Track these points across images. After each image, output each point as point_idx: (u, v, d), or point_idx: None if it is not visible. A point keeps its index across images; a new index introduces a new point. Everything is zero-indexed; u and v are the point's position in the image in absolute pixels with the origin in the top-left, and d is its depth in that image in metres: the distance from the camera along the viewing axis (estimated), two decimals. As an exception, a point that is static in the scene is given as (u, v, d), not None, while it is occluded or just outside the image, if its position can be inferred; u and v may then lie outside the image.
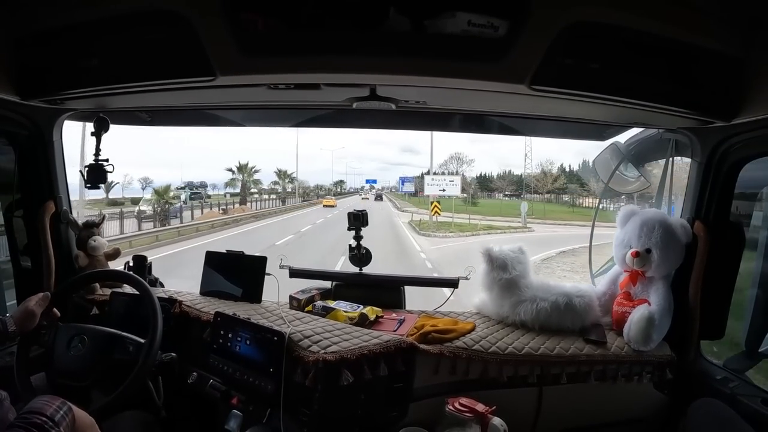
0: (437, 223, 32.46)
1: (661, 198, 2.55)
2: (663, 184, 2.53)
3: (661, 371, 2.28)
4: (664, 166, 2.50)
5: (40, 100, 2.12)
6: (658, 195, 2.56)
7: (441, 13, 1.63)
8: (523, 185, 55.95)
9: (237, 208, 40.69)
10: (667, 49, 1.70)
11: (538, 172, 55.62)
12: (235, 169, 51.13)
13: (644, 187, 2.65)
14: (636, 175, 2.62)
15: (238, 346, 2.17)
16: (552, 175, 53.37)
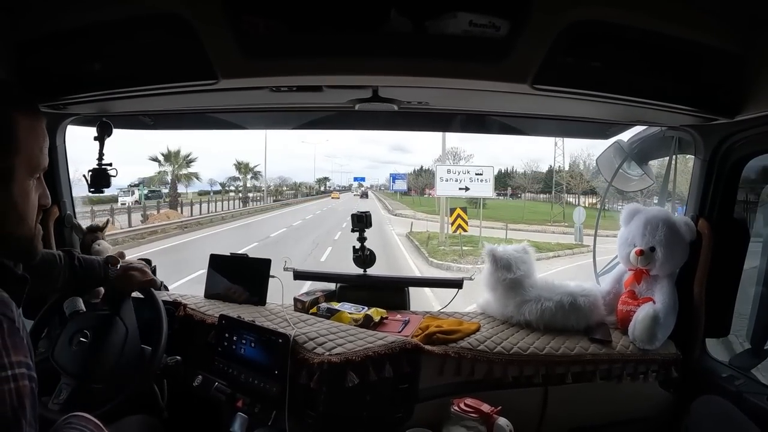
0: (451, 238, 22.60)
1: (665, 196, 2.55)
2: (666, 182, 2.53)
3: (666, 370, 2.27)
4: (668, 164, 2.50)
5: (43, 105, 2.12)
6: (661, 193, 2.56)
7: (442, 14, 1.63)
8: (553, 183, 44.57)
9: (160, 214, 30.42)
10: (669, 46, 1.70)
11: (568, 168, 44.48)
12: (161, 157, 38.33)
13: (647, 185, 2.64)
14: (639, 173, 2.62)
15: (242, 349, 2.17)
16: (588, 172, 40.95)
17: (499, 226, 29.41)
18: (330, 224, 28.07)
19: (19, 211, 1.18)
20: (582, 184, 41.48)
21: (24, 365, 0.99)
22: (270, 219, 33.23)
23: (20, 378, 0.97)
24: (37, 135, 1.22)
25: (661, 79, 1.76)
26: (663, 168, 2.60)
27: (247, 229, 26.54)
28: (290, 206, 47.40)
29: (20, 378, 0.97)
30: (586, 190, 41.16)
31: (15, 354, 0.97)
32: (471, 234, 22.40)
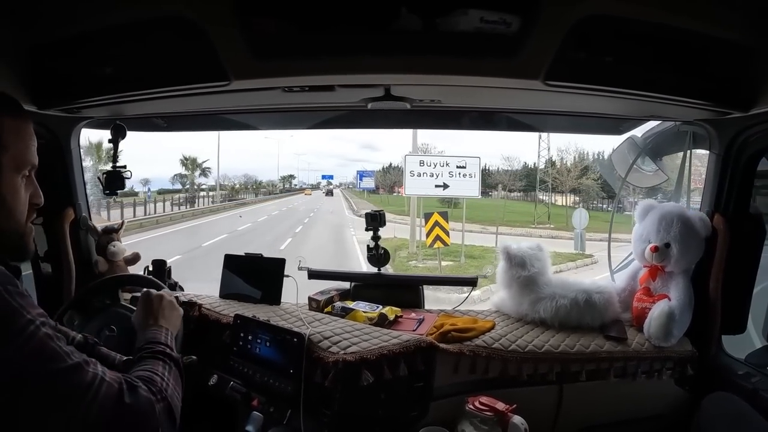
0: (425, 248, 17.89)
1: (680, 191, 2.53)
2: (681, 178, 2.51)
3: (682, 367, 2.25)
4: (682, 159, 2.48)
5: (57, 109, 2.15)
6: (676, 188, 2.55)
7: (452, 11, 1.62)
8: (537, 180, 40.75)
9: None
10: (681, 40, 1.68)
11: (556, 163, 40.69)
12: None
13: (662, 181, 2.63)
14: (654, 169, 2.60)
15: (258, 348, 2.18)
16: (578, 167, 38.60)
17: (477, 228, 26.55)
18: (282, 228, 26.38)
19: (8, 206, 1.24)
20: (570, 181, 38.44)
21: (43, 315, 1.12)
22: (217, 221, 29.85)
23: (46, 325, 1.11)
24: (22, 134, 1.28)
25: (674, 73, 1.74)
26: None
27: (179, 236, 23.12)
28: (247, 206, 43.81)
29: (46, 325, 1.11)
30: (574, 187, 38.56)
31: (32, 309, 1.10)
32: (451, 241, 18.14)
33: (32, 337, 1.07)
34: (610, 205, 35.78)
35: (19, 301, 1.08)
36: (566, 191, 39.44)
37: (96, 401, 1.11)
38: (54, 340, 1.11)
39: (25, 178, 1.29)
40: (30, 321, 1.07)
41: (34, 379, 1.06)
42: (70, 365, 1.11)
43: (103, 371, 1.17)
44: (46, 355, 1.08)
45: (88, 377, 1.12)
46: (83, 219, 2.69)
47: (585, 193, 38.40)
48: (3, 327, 1.05)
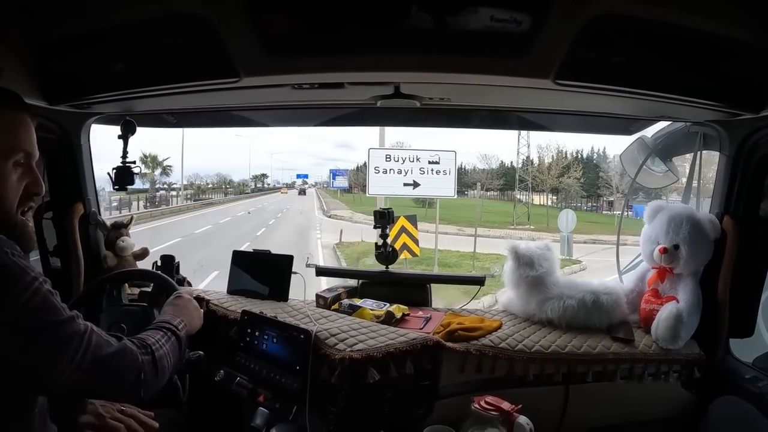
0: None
1: (689, 193, 2.52)
2: (691, 179, 2.50)
3: (689, 370, 2.24)
4: (692, 160, 2.47)
5: (67, 105, 2.17)
6: (686, 190, 2.53)
7: (463, 9, 1.62)
8: (516, 179, 38.48)
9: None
10: (692, 40, 1.67)
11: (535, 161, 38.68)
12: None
13: (672, 182, 2.61)
14: (664, 170, 2.59)
15: (264, 344, 2.19)
16: (558, 165, 36.48)
17: (453, 230, 25.69)
18: (244, 230, 25.04)
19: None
20: (550, 180, 36.52)
21: (41, 274, 1.26)
22: (177, 223, 27.85)
23: (46, 281, 1.26)
24: (10, 123, 1.32)
25: (684, 73, 1.73)
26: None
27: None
28: (214, 206, 41.86)
29: (46, 281, 1.26)
30: (554, 186, 36.78)
31: (33, 269, 1.24)
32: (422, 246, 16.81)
33: (37, 293, 1.22)
34: (588, 204, 35.43)
35: (22, 262, 1.22)
36: (546, 190, 37.91)
37: (89, 347, 1.30)
38: (54, 296, 1.27)
39: (20, 166, 1.33)
40: (34, 278, 1.22)
41: (39, 328, 1.22)
42: (67, 317, 1.28)
43: (92, 325, 1.34)
44: (48, 308, 1.24)
45: (81, 327, 1.30)
46: (93, 214, 2.70)
47: (565, 192, 37.24)
48: (11, 284, 1.18)
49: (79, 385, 1.30)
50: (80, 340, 1.28)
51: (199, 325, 1.87)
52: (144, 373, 1.42)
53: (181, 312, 1.79)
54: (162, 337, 1.57)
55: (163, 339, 1.57)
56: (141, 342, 1.49)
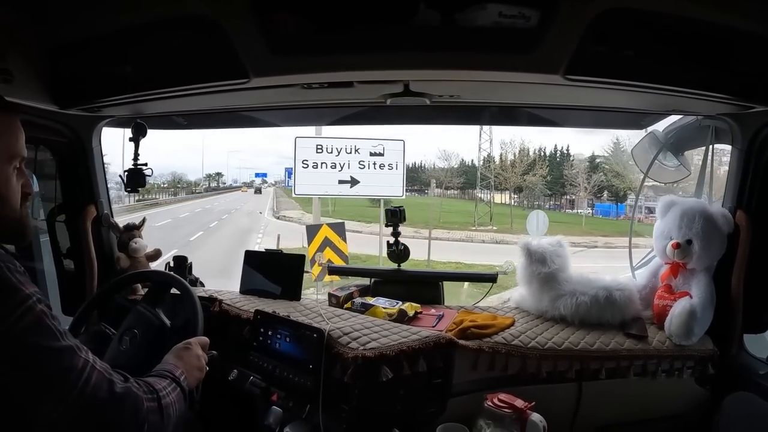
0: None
1: (702, 187, 2.50)
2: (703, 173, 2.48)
3: (703, 366, 2.22)
4: (704, 154, 2.45)
5: (78, 109, 2.19)
6: (698, 184, 2.51)
7: (471, 6, 1.61)
8: (478, 177, 35.17)
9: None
10: (703, 32, 1.65)
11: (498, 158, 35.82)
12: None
13: (684, 176, 2.60)
14: (675, 164, 2.57)
15: (277, 344, 2.19)
16: (523, 162, 33.48)
17: (409, 232, 20.25)
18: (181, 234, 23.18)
19: (3, 195, 1.29)
20: (514, 177, 33.59)
21: (39, 294, 1.18)
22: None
23: (42, 302, 1.17)
24: (11, 128, 1.33)
25: (696, 66, 1.72)
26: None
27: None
28: (159, 206, 39.31)
29: (42, 302, 1.17)
30: (519, 185, 33.82)
31: (30, 286, 1.16)
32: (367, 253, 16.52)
33: (30, 311, 1.13)
34: (551, 203, 34.41)
35: (18, 277, 1.15)
36: (510, 189, 34.95)
37: (86, 387, 1.17)
38: (49, 317, 1.17)
39: (16, 169, 1.34)
40: (28, 296, 1.14)
41: (28, 352, 1.13)
42: (63, 345, 1.17)
43: (94, 359, 1.23)
44: (42, 329, 1.15)
45: (80, 362, 1.18)
46: (105, 216, 2.72)
47: (529, 191, 35.06)
48: (2, 300, 1.11)
49: (73, 428, 1.18)
50: (77, 376, 1.17)
51: (194, 384, 1.70)
52: (147, 423, 1.29)
53: (184, 365, 1.66)
54: (168, 386, 1.46)
55: (170, 387, 1.46)
56: (147, 386, 1.36)
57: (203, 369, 1.76)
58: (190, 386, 1.65)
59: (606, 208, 31.41)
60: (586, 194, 29.57)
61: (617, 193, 29.55)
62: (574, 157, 35.17)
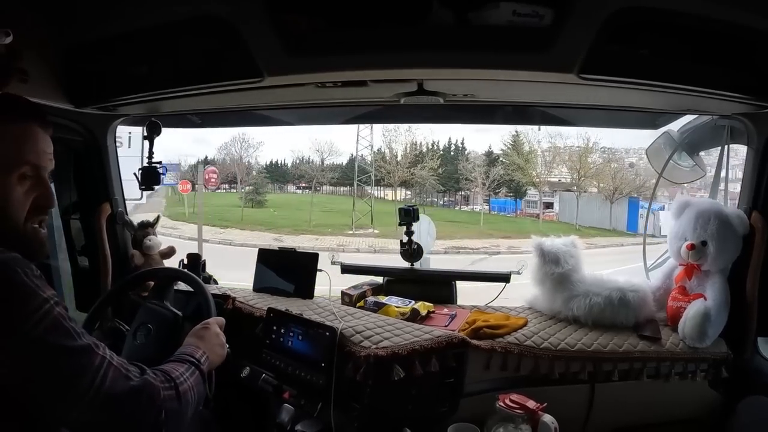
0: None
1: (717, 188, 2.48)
2: (719, 173, 2.46)
3: (716, 369, 2.20)
4: (719, 155, 2.43)
5: (93, 107, 2.22)
6: (713, 185, 2.49)
7: (485, 5, 1.62)
8: (356, 168, 28.45)
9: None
10: (718, 31, 1.64)
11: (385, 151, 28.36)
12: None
13: (699, 177, 2.58)
14: (690, 164, 2.55)
15: (290, 341, 2.20)
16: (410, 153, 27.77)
17: (269, 238, 20.71)
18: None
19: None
20: (400, 171, 27.57)
21: (57, 296, 1.21)
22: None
23: (60, 305, 1.21)
24: (12, 136, 1.29)
25: (711, 65, 1.70)
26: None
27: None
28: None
29: (60, 305, 1.21)
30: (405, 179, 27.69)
31: (47, 289, 1.20)
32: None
33: (48, 314, 1.16)
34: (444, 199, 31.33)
35: (36, 282, 1.18)
36: (395, 184, 28.31)
37: (104, 383, 1.20)
38: (67, 319, 1.20)
39: (27, 179, 1.31)
40: (46, 300, 1.17)
41: (48, 353, 1.16)
42: (80, 345, 1.20)
43: (111, 355, 1.26)
44: (60, 331, 1.18)
45: (97, 359, 1.22)
46: (119, 214, 2.75)
47: (420, 186, 29.74)
48: (22, 304, 1.15)
49: (92, 424, 1.23)
50: (94, 374, 1.20)
51: (219, 362, 1.75)
52: (165, 411, 1.31)
53: (205, 345, 1.69)
54: (186, 371, 1.47)
55: (188, 372, 1.47)
56: (164, 375, 1.38)
57: (224, 345, 1.79)
58: (214, 365, 1.70)
59: (502, 204, 29.19)
60: (483, 190, 27.48)
61: (518, 188, 27.84)
62: (471, 152, 30.99)
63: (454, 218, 25.78)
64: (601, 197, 25.66)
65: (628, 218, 24.67)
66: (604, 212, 25.14)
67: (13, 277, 1.15)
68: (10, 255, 1.18)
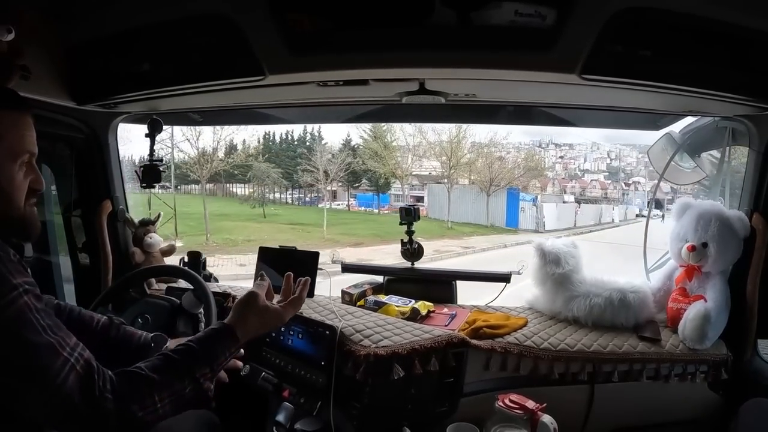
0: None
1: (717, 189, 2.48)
2: (719, 175, 2.46)
3: (716, 371, 2.20)
4: (720, 156, 2.43)
5: (95, 105, 2.22)
6: (714, 186, 2.49)
7: (487, 5, 1.62)
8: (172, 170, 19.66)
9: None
10: (721, 32, 1.64)
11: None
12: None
13: (701, 178, 2.58)
14: (692, 166, 2.55)
15: (290, 340, 2.21)
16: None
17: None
18: None
19: (5, 192, 1.29)
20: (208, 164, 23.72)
21: (30, 284, 1.17)
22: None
23: (30, 293, 1.16)
24: (19, 125, 1.31)
25: (713, 67, 1.70)
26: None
27: None
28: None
29: (30, 293, 1.16)
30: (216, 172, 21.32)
31: (19, 276, 1.15)
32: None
33: (13, 303, 1.12)
34: (311, 195, 26.01)
35: (8, 266, 1.14)
36: (203, 179, 20.89)
37: (62, 389, 1.14)
38: (34, 311, 1.15)
39: (25, 164, 1.33)
40: (14, 287, 1.13)
41: (6, 345, 1.11)
42: (41, 341, 1.14)
43: (77, 359, 1.18)
44: (22, 323, 1.12)
45: (58, 361, 1.14)
46: (120, 211, 2.75)
47: (259, 180, 23.33)
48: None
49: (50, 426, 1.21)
50: (53, 376, 1.13)
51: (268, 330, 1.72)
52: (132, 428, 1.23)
53: (245, 331, 1.54)
54: (182, 389, 1.33)
55: (183, 390, 1.33)
56: (136, 394, 1.24)
57: (269, 326, 1.68)
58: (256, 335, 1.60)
59: (369, 200, 25.43)
60: (327, 183, 21.77)
61: (378, 180, 23.76)
62: (327, 142, 25.88)
63: (302, 219, 20.81)
64: (476, 189, 22.47)
65: (507, 212, 22.28)
66: (480, 206, 21.97)
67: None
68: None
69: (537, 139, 27.72)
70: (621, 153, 32.13)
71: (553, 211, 23.18)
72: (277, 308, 1.65)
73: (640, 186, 30.34)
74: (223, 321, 1.53)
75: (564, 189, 28.76)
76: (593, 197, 29.69)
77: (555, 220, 22.38)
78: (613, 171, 31.69)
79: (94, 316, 1.83)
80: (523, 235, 19.93)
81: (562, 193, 28.09)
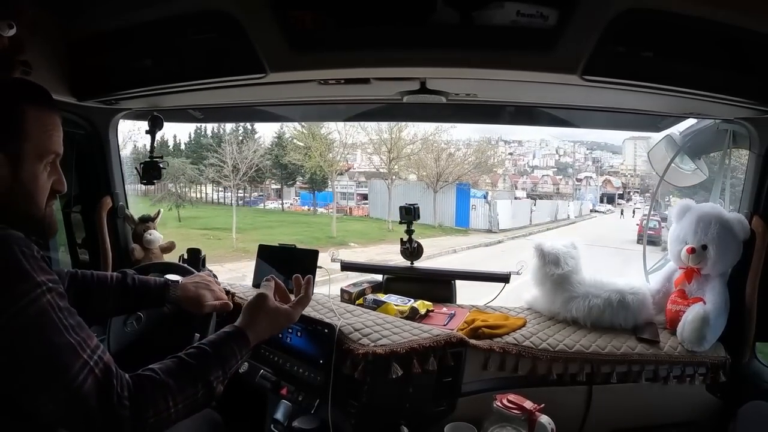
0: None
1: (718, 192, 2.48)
2: (720, 178, 2.46)
3: (714, 373, 2.21)
4: (721, 159, 2.43)
5: (96, 101, 2.22)
6: (714, 189, 2.49)
7: (489, 4, 1.61)
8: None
9: None
10: (723, 35, 1.64)
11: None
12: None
13: (701, 180, 2.58)
14: (692, 168, 2.55)
15: (288, 338, 2.21)
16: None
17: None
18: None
19: (28, 192, 1.29)
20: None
21: (54, 282, 1.17)
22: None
23: (53, 292, 1.15)
24: (44, 124, 1.30)
25: (715, 69, 1.70)
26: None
27: None
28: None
29: (53, 292, 1.15)
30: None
31: (43, 273, 1.14)
32: None
33: (35, 302, 1.11)
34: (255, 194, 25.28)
35: (32, 263, 1.13)
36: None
37: (79, 392, 1.12)
38: (56, 310, 1.14)
39: (49, 165, 1.33)
40: (37, 284, 1.12)
41: (27, 344, 1.11)
42: (64, 342, 1.13)
43: (97, 361, 1.17)
44: (44, 323, 1.12)
45: (78, 363, 1.13)
46: (120, 208, 2.75)
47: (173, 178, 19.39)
48: (9, 286, 1.10)
49: (64, 427, 1.20)
50: (72, 378, 1.12)
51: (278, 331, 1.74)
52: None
53: (257, 333, 1.55)
54: (190, 396, 1.31)
55: (192, 397, 1.32)
56: (151, 404, 1.23)
57: (279, 327, 1.71)
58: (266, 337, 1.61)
59: (309, 198, 24.25)
60: (236, 179, 17.82)
61: (311, 176, 21.78)
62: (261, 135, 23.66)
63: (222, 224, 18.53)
64: (422, 185, 21.26)
65: (456, 210, 21.15)
66: (426, 204, 19.40)
67: (8, 257, 1.11)
68: (10, 232, 1.16)
69: (487, 136, 27.23)
70: (569, 150, 32.45)
71: (507, 208, 22.51)
72: (287, 308, 1.67)
73: (592, 181, 30.51)
74: (234, 324, 1.53)
75: (515, 185, 28.95)
76: (545, 192, 29.96)
77: (510, 218, 21.70)
78: (561, 167, 32.02)
79: (108, 275, 1.86)
80: (474, 237, 19.56)
81: (514, 188, 28.25)
